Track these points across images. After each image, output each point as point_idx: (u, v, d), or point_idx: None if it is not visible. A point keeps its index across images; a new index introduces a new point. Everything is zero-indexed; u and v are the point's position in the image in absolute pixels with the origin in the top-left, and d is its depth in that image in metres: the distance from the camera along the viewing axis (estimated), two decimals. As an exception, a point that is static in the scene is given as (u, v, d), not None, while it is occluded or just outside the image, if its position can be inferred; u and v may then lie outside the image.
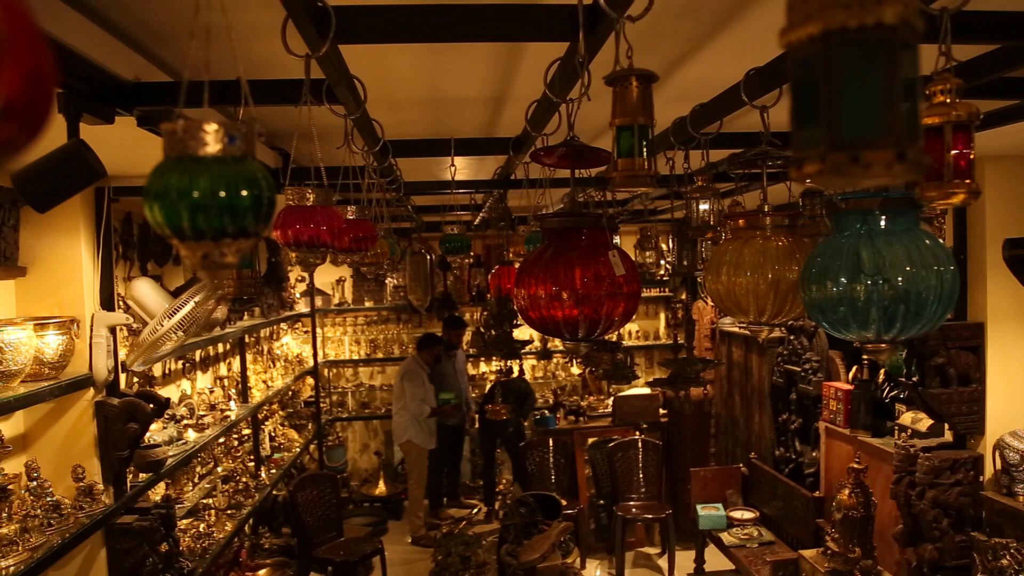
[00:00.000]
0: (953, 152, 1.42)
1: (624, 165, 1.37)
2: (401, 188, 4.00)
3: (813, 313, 1.63)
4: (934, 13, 1.47)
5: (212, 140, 0.92)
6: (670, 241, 6.90)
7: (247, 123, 0.94)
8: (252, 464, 5.77)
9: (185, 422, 4.41)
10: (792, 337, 5.70)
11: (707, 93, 2.57)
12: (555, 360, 8.76)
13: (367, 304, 8.64)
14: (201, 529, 4.41)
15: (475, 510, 7.50)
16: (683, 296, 7.47)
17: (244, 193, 0.93)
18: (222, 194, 0.92)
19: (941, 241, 1.65)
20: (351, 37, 1.75)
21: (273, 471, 5.97)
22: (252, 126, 0.94)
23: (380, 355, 8.71)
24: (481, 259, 6.79)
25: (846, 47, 0.61)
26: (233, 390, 5.57)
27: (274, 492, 5.90)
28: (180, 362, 4.98)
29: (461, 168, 4.64)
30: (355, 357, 8.72)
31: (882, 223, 1.61)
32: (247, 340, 6.12)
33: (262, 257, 6.23)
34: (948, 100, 1.47)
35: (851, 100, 0.61)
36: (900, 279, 1.53)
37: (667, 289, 8.31)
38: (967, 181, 1.43)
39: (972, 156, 1.46)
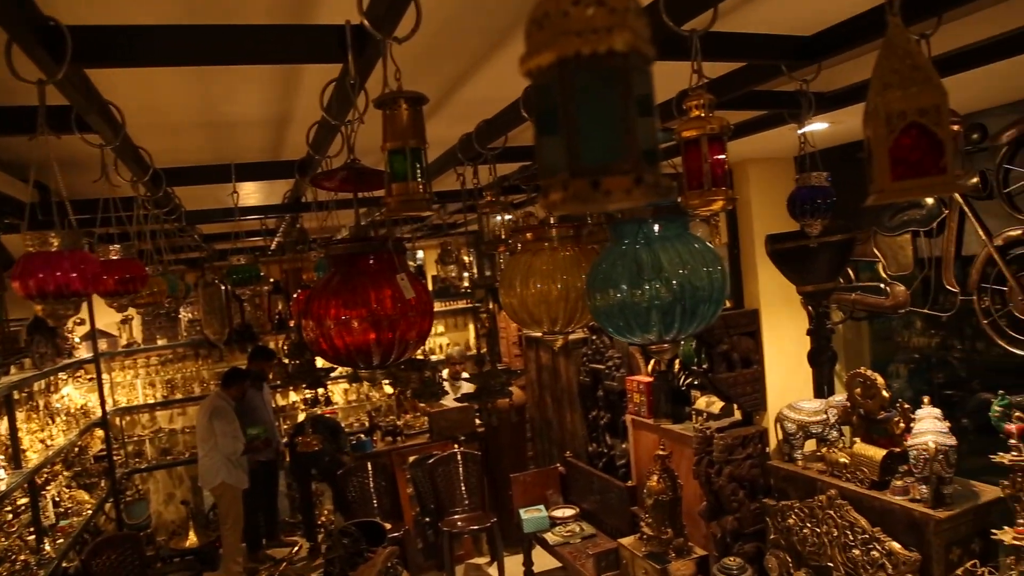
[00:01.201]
0: (710, 162, 1.52)
1: (398, 189, 1.34)
2: (182, 218, 3.73)
3: (599, 319, 1.68)
4: (685, 34, 1.57)
5: None
6: (470, 254, 6.99)
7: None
8: (32, 538, 5.12)
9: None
10: (594, 337, 5.95)
11: (492, 108, 2.61)
12: (366, 382, 8.59)
13: (160, 342, 8.02)
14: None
15: (296, 547, 7.17)
16: (490, 306, 7.61)
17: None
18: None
19: (710, 244, 1.76)
20: (97, 60, 1.59)
21: (60, 541, 5.34)
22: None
23: (179, 395, 8.12)
24: (281, 285, 6.51)
25: (581, 75, 0.61)
26: (2, 456, 4.92)
27: (64, 564, 5.28)
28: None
29: (250, 192, 4.42)
30: (150, 401, 8.06)
31: (656, 230, 1.70)
32: (16, 396, 5.45)
33: (27, 303, 5.57)
34: (703, 114, 1.58)
35: (588, 127, 0.62)
36: (675, 282, 1.62)
37: (474, 300, 8.43)
38: (724, 188, 1.54)
39: (727, 165, 1.57)
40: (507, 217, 2.90)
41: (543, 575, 6.37)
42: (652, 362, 5.29)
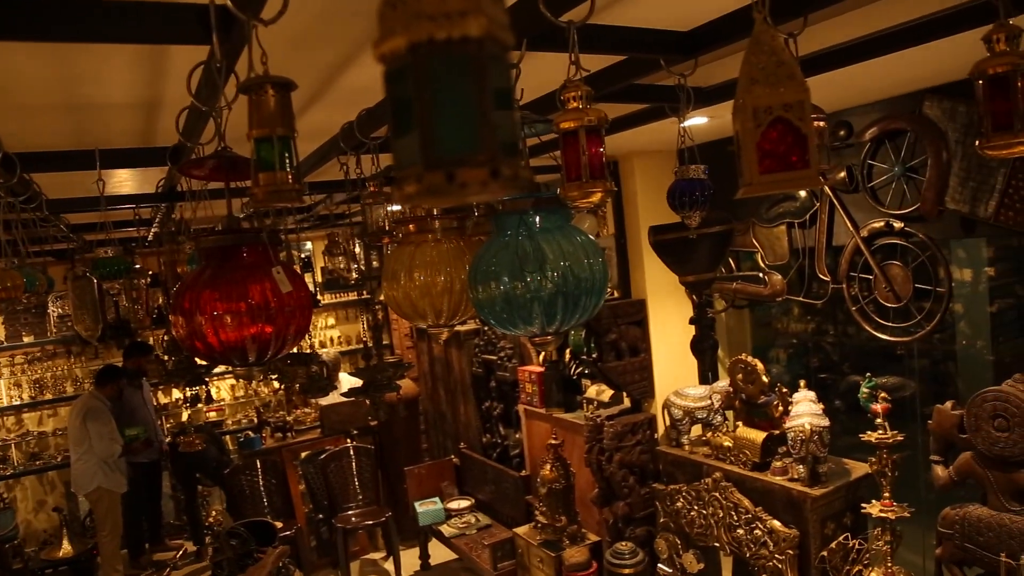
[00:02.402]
0: (588, 154, 1.53)
1: (266, 180, 1.28)
2: (43, 207, 3.47)
3: (482, 312, 1.67)
4: (562, 25, 1.57)
5: None
6: (359, 244, 6.86)
7: None
8: None
9: None
10: (486, 328, 5.96)
11: (374, 97, 2.54)
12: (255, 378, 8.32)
13: (26, 339, 7.49)
14: None
15: (181, 551, 6.87)
16: (381, 298, 7.49)
17: None
18: None
19: (592, 236, 1.77)
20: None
21: (-88, 556, 4.92)
22: None
23: (50, 396, 7.61)
24: (159, 278, 6.19)
25: (434, 60, 0.59)
26: None
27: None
28: None
29: (123, 180, 4.16)
30: (17, 402, 7.52)
31: (537, 222, 1.69)
32: None
33: None
34: (580, 106, 1.59)
35: (443, 116, 0.59)
36: (557, 273, 1.62)
37: (365, 292, 8.27)
38: (603, 180, 1.55)
39: (605, 157, 1.59)
40: (393, 208, 2.84)
41: (440, 567, 6.35)
42: (542, 353, 5.35)
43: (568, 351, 5.13)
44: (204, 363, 3.59)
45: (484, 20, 0.58)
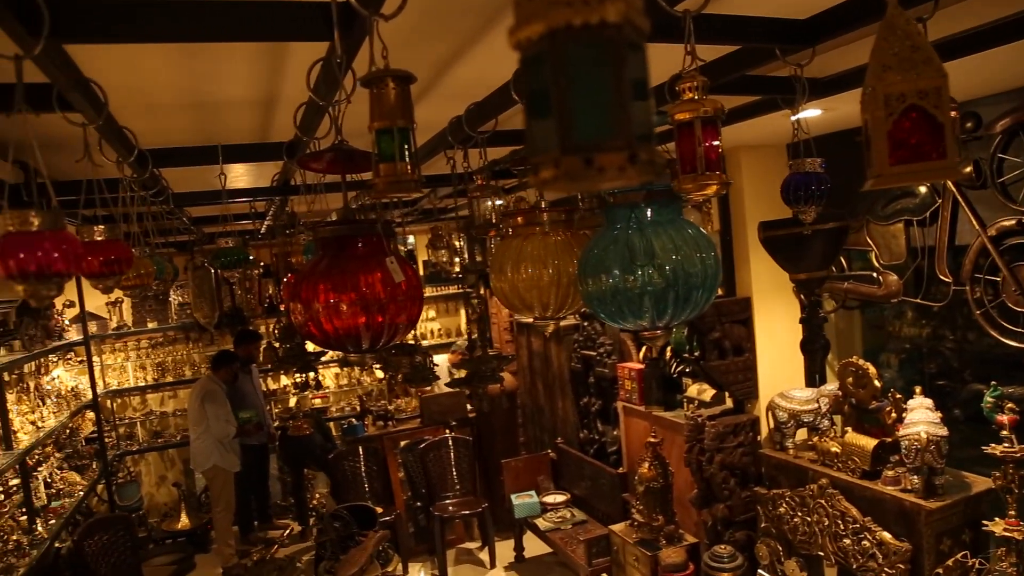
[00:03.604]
0: (704, 146, 1.50)
1: (386, 170, 1.31)
2: (170, 200, 3.67)
3: (591, 305, 1.66)
4: (678, 14, 1.54)
5: None
6: (461, 238, 6.97)
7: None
8: (24, 518, 5.11)
9: (-70, 482, 3.81)
10: (586, 323, 5.94)
11: (483, 91, 2.57)
12: (357, 367, 8.59)
13: (150, 325, 7.97)
14: (-37, 602, 3.84)
15: (287, 530, 7.17)
16: (481, 291, 7.57)
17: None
18: None
19: (704, 230, 1.74)
20: (78, 36, 1.55)
21: (52, 522, 5.32)
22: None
23: (170, 378, 8.08)
24: (271, 268, 6.47)
25: (572, 46, 0.58)
26: (-8, 437, 4.90)
27: (56, 544, 5.26)
28: (-83, 413, 4.30)
29: (239, 175, 4.36)
30: (141, 383, 8.02)
31: (648, 215, 1.67)
32: (7, 378, 5.41)
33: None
34: (696, 97, 1.55)
35: (581, 101, 0.59)
36: (668, 267, 1.60)
37: (465, 286, 8.39)
38: (718, 172, 1.51)
39: (721, 149, 1.55)
40: (498, 202, 2.87)
41: (534, 560, 6.39)
42: (644, 349, 5.28)
43: (669, 349, 5.05)
44: (314, 350, 3.73)
45: (622, 5, 0.58)
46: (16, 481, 5.23)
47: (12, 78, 1.90)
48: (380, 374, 8.36)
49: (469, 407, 7.07)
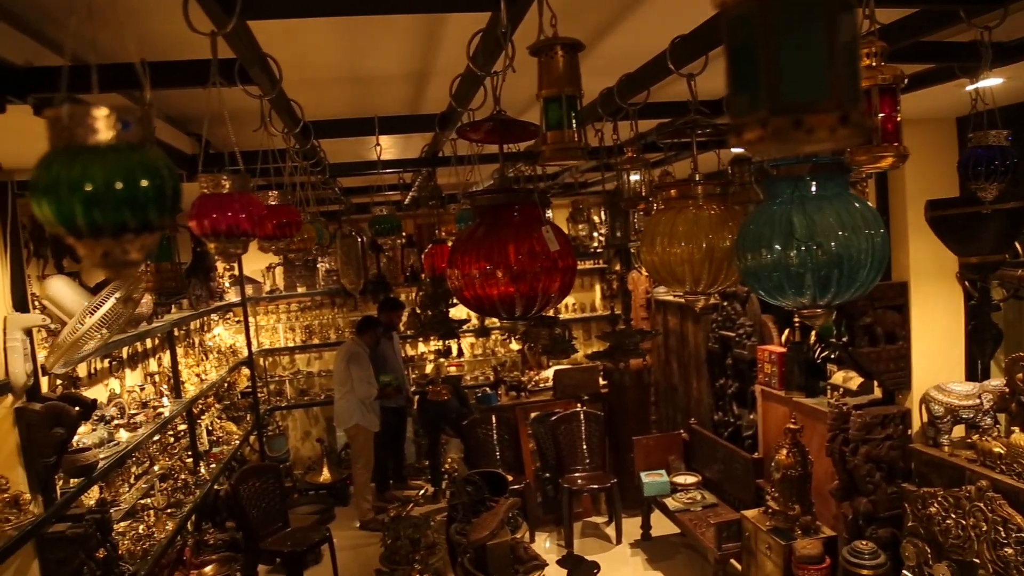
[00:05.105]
0: (881, 115, 1.41)
1: (554, 137, 1.32)
2: (326, 170, 3.87)
3: (749, 281, 1.62)
4: (857, -26, 1.46)
5: (103, 127, 0.83)
6: (602, 213, 6.92)
7: (141, 107, 0.85)
8: (190, 460, 5.60)
9: (116, 422, 4.23)
10: (726, 303, 5.79)
11: (634, 62, 2.53)
12: (493, 337, 8.76)
13: (300, 290, 8.44)
14: (140, 531, 4.25)
15: (422, 491, 7.46)
16: (617, 267, 7.51)
17: (144, 183, 0.85)
18: (119, 185, 0.84)
19: (871, 205, 1.65)
20: (260, 12, 1.65)
21: (213, 465, 5.80)
22: (148, 110, 0.86)
23: (316, 341, 8.54)
24: (413, 238, 6.69)
25: (784, 5, 0.57)
26: (165, 386, 5.37)
27: (215, 487, 5.74)
28: (106, 361, 4.76)
29: (387, 147, 4.53)
30: (290, 344, 8.52)
31: (813, 188, 1.60)
32: (176, 334, 5.91)
33: (186, 247, 6.00)
34: (874, 63, 1.47)
35: (791, 61, 0.57)
36: (833, 244, 1.53)
37: (601, 261, 8.35)
38: (895, 144, 1.43)
39: (899, 119, 1.46)
40: (635, 177, 2.82)
41: (660, 540, 6.35)
42: (786, 332, 5.10)
43: (813, 333, 4.85)
44: (457, 319, 3.84)
45: (836, -41, 0.56)
46: (183, 427, 5.72)
47: (190, 55, 2.07)
48: (515, 345, 8.50)
49: (602, 382, 7.07)
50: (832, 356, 4.71)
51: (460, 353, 6.95)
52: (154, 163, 0.86)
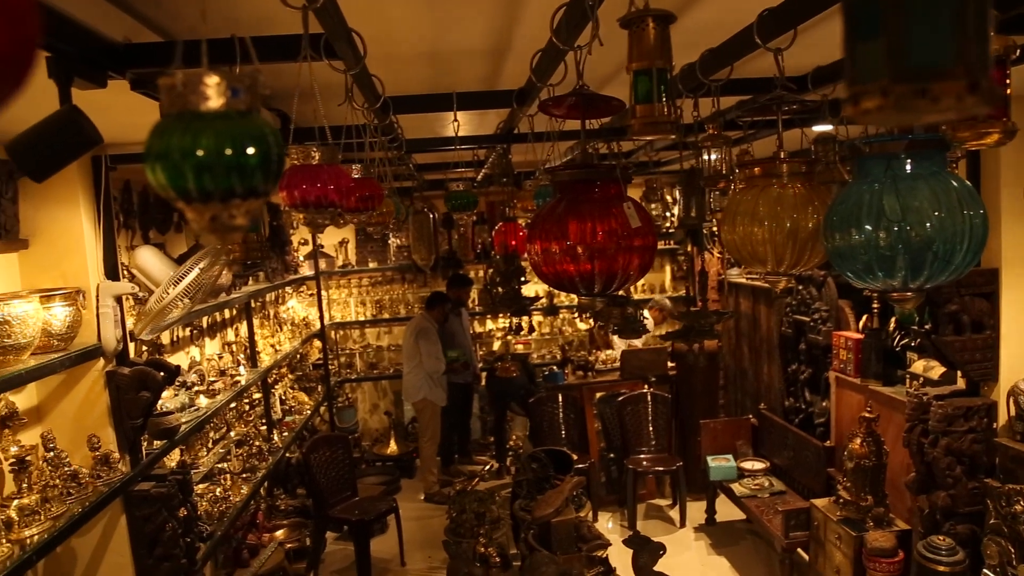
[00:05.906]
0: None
1: (643, 112, 1.31)
2: (403, 146, 3.91)
3: (836, 262, 1.58)
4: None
5: (214, 94, 0.86)
6: (675, 192, 6.81)
7: (250, 75, 0.88)
8: (264, 428, 5.80)
9: (196, 388, 4.41)
10: (801, 287, 5.65)
11: (717, 37, 2.48)
12: (562, 316, 8.76)
13: (371, 265, 8.60)
14: (217, 493, 4.44)
15: (487, 466, 7.56)
16: (688, 248, 7.40)
17: (252, 150, 0.88)
18: (228, 152, 0.87)
19: (968, 184, 1.58)
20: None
21: (285, 434, 5.99)
22: (255, 78, 0.89)
23: (386, 315, 8.69)
24: (484, 216, 6.72)
25: (910, -36, 0.55)
26: (242, 355, 5.57)
27: (287, 454, 5.94)
28: (188, 329, 4.96)
29: (462, 124, 4.55)
30: (361, 318, 8.70)
31: (908, 167, 1.55)
32: (253, 305, 6.10)
33: (263, 220, 6.18)
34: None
35: (917, 24, 0.55)
36: (928, 225, 1.47)
37: (671, 241, 8.24)
38: (1004, 119, 1.36)
39: (1009, 92, 1.39)
40: (720, 154, 2.76)
41: (725, 525, 6.29)
42: (864, 318, 4.95)
43: (893, 319, 4.69)
44: (529, 296, 3.86)
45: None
46: (259, 395, 5.92)
47: (276, 31, 2.11)
48: (583, 325, 8.49)
49: (670, 364, 7.01)
50: (912, 344, 4.55)
51: (532, 330, 6.98)
52: (261, 131, 0.89)
